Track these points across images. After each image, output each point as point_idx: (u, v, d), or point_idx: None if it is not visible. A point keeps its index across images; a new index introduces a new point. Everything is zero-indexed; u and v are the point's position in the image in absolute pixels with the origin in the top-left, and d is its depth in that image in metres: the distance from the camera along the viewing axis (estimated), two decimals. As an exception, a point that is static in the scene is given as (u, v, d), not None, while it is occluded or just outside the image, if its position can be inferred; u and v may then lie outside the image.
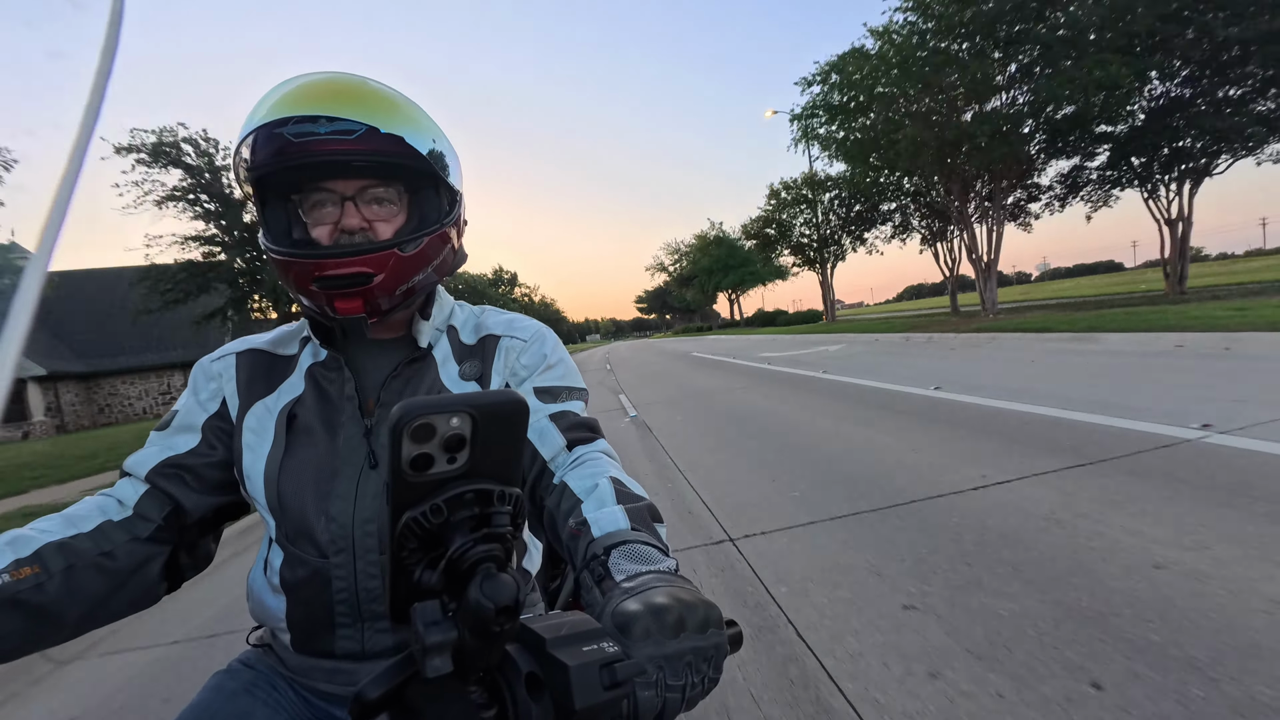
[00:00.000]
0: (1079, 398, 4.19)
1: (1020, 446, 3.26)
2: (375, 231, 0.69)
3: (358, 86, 0.66)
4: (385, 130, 0.65)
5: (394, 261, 0.68)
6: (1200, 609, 1.63)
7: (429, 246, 0.71)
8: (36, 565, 0.57)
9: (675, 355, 17.51)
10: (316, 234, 0.69)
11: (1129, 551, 1.98)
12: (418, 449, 0.33)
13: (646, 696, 0.38)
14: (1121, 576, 1.83)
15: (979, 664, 1.51)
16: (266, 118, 0.62)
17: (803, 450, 3.86)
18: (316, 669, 0.70)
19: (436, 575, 0.34)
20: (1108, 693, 1.36)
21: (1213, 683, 1.34)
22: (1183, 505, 2.25)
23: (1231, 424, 3.11)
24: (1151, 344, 6.58)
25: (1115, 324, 8.10)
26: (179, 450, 0.72)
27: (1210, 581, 1.76)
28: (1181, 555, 1.91)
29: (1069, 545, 2.07)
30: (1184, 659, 1.43)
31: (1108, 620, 1.62)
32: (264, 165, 0.66)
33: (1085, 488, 2.54)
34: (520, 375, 0.79)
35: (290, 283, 0.69)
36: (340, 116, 0.63)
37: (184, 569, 0.73)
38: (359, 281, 0.66)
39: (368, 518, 0.68)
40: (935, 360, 7.68)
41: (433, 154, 0.70)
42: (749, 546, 2.44)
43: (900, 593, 1.91)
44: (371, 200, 0.69)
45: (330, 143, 0.64)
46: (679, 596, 0.42)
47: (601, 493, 0.61)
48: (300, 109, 0.63)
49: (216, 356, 0.80)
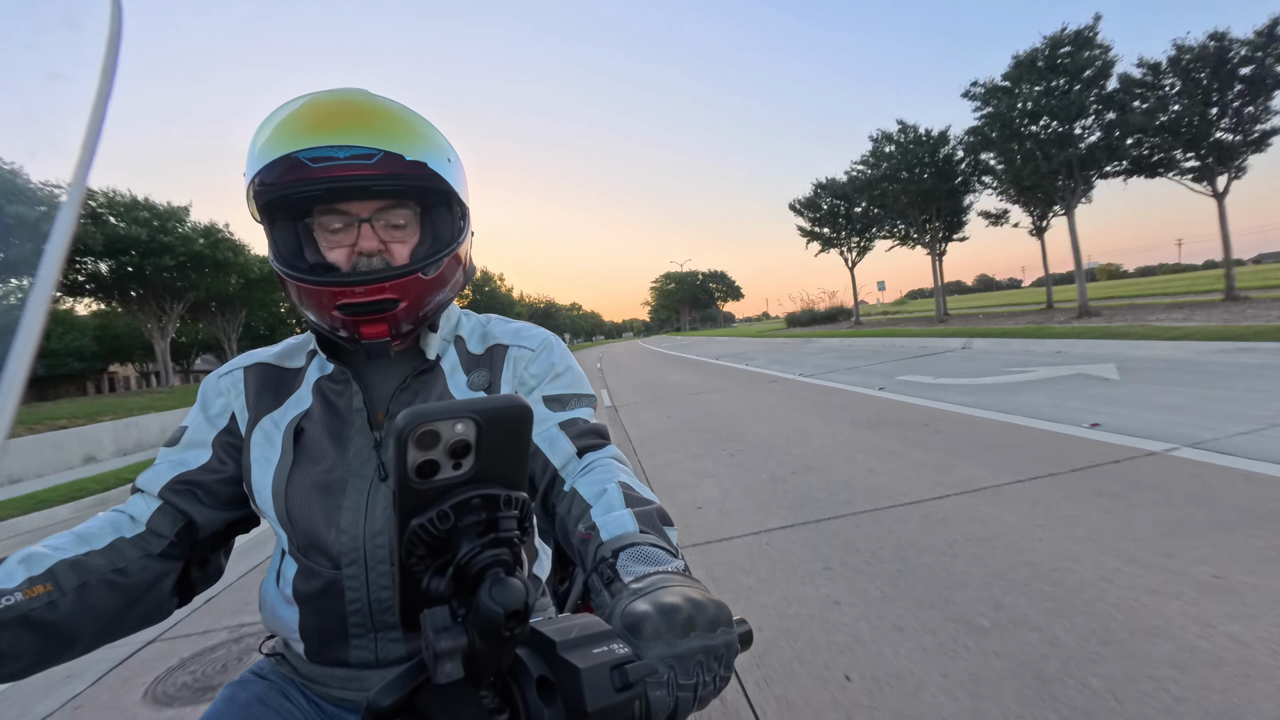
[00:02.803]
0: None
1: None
2: (391, 253, 0.69)
3: (369, 107, 0.66)
4: (410, 157, 0.65)
5: (417, 286, 0.68)
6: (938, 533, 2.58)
7: (447, 266, 0.72)
8: (49, 583, 0.57)
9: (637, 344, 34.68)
10: (333, 257, 0.69)
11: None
12: (423, 455, 0.33)
13: (658, 696, 0.38)
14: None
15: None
16: (284, 144, 0.62)
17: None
18: (330, 677, 0.71)
19: (445, 581, 0.34)
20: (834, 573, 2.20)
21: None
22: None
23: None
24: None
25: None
26: (190, 466, 0.72)
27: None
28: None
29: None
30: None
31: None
32: (282, 189, 0.65)
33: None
34: (529, 384, 0.79)
35: (310, 307, 0.68)
36: (358, 143, 0.63)
37: (195, 583, 0.73)
38: (386, 307, 0.66)
39: (379, 529, 0.68)
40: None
41: (449, 173, 0.70)
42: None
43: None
44: (387, 221, 0.69)
45: (350, 168, 0.64)
46: (688, 596, 0.41)
47: (610, 497, 0.61)
48: (318, 136, 0.62)
49: (224, 372, 0.80)
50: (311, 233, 0.70)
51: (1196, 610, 1.72)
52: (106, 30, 0.33)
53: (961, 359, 8.84)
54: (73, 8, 0.34)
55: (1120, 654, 1.57)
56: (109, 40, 0.33)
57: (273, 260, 0.71)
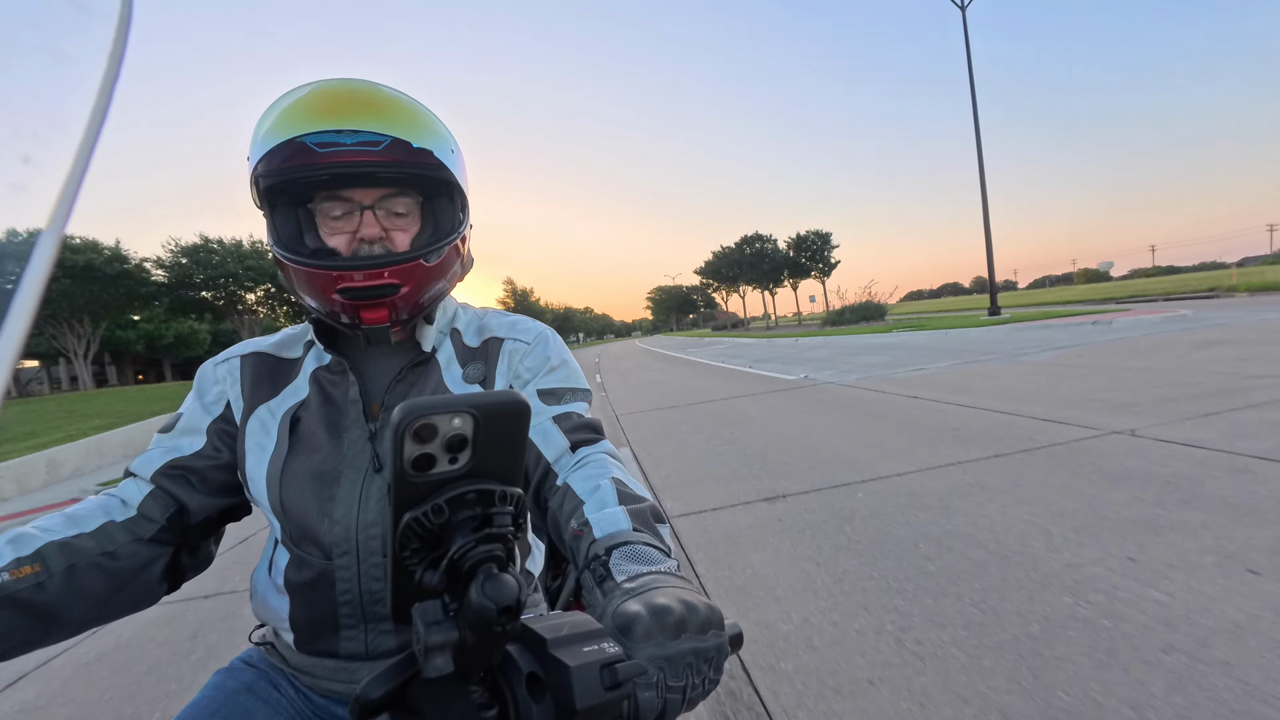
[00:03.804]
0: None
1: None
2: (393, 240, 0.69)
3: (376, 95, 0.66)
4: (418, 145, 0.65)
5: (419, 272, 0.68)
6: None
7: (447, 255, 0.72)
8: (37, 564, 0.57)
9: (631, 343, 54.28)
10: (334, 243, 0.69)
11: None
12: (420, 449, 0.33)
13: (647, 697, 0.38)
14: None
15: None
16: (290, 129, 0.62)
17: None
18: (319, 667, 0.70)
19: (438, 575, 0.34)
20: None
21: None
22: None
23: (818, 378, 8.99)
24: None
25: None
26: (184, 452, 0.72)
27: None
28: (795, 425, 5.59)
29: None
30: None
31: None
32: (286, 174, 0.65)
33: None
34: (524, 378, 0.79)
35: (310, 291, 0.68)
36: (365, 129, 0.63)
37: (185, 570, 0.73)
38: (387, 292, 0.67)
39: (372, 520, 0.68)
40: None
41: (453, 163, 0.70)
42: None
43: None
44: (389, 209, 0.69)
45: (356, 154, 0.64)
46: (680, 598, 0.42)
47: (603, 494, 0.61)
48: (325, 121, 0.62)
49: (221, 360, 0.80)
50: (313, 219, 0.70)
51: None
52: (116, 14, 0.33)
53: (776, 348, 16.17)
54: None
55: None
56: (118, 24, 0.33)
57: (272, 245, 0.70)
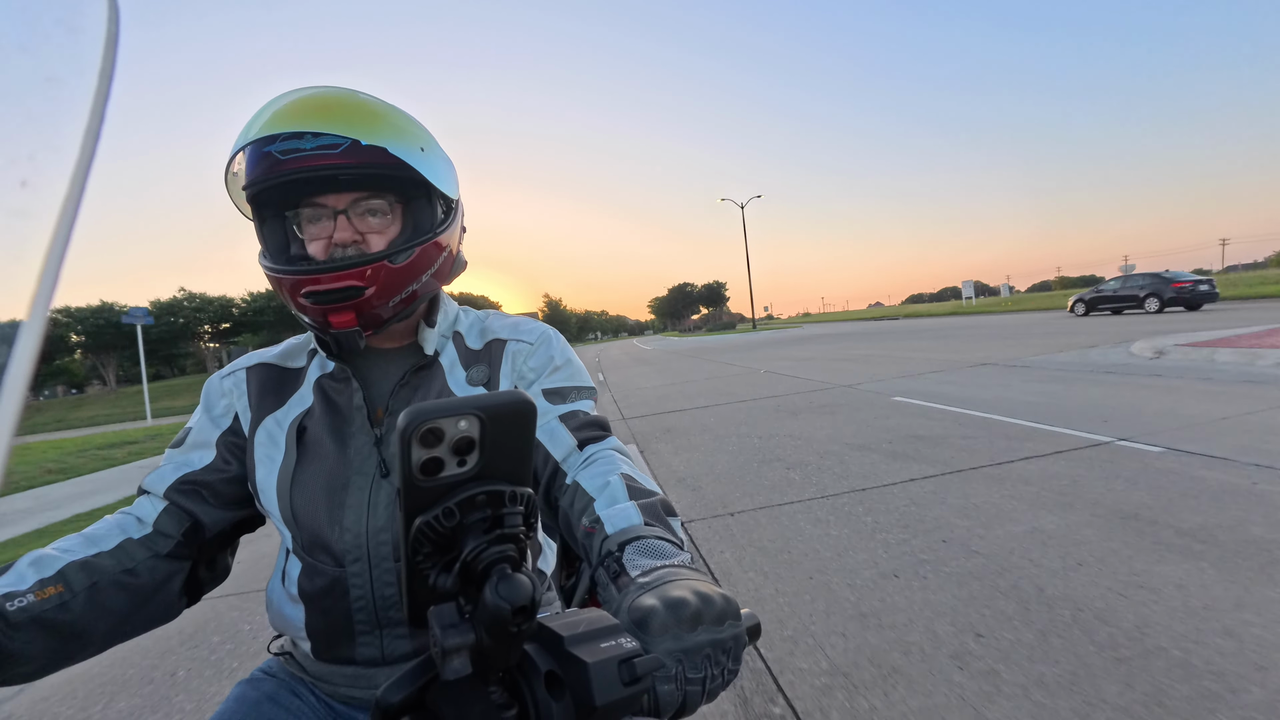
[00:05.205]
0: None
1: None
2: (368, 244, 0.69)
3: (344, 100, 0.66)
4: (367, 142, 0.64)
5: (384, 274, 0.67)
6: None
7: (421, 256, 0.71)
8: (60, 585, 0.58)
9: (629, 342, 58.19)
10: (312, 249, 0.69)
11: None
12: (427, 453, 0.33)
13: (666, 690, 0.38)
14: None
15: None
16: (254, 135, 0.63)
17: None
18: (338, 675, 0.71)
19: (452, 578, 0.34)
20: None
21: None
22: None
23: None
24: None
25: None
26: (195, 467, 0.73)
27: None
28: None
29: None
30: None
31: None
32: (256, 183, 0.66)
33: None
34: (528, 378, 0.79)
35: (286, 298, 0.69)
36: (324, 131, 0.63)
37: (203, 582, 0.74)
38: (350, 295, 0.66)
39: (381, 526, 0.68)
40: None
41: (420, 162, 0.68)
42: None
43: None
44: (365, 212, 0.69)
45: (316, 158, 0.64)
46: (696, 590, 0.42)
47: (613, 490, 0.61)
48: (287, 125, 0.63)
49: (227, 373, 0.80)
50: (296, 229, 0.71)
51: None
52: (104, 33, 0.33)
53: (729, 345, 18.96)
54: (69, 10, 0.34)
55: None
56: (106, 42, 0.33)
57: (260, 257, 0.71)
